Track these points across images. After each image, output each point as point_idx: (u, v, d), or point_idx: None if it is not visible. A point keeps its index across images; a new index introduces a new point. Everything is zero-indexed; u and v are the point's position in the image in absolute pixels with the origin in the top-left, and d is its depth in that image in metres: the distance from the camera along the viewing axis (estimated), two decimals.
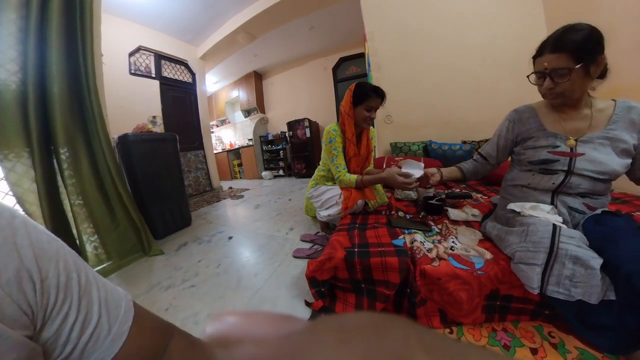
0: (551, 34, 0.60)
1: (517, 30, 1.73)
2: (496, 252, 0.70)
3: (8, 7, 1.08)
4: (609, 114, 0.62)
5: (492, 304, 0.66)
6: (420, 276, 0.66)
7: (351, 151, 1.18)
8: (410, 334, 0.07)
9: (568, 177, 0.64)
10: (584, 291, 0.50)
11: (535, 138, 0.70)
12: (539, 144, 0.69)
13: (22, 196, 1.12)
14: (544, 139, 0.68)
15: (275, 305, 0.86)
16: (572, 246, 0.53)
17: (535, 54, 0.63)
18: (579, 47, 0.55)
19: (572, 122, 0.66)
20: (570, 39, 0.55)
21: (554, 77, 0.58)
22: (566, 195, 0.67)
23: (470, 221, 0.92)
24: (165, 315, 0.86)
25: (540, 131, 0.70)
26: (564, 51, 0.56)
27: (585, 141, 0.63)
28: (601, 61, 0.56)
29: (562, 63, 0.56)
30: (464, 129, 1.89)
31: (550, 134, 0.68)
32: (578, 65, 0.55)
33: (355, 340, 0.07)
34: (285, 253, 1.26)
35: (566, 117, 0.66)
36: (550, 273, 0.53)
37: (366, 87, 1.09)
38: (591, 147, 0.62)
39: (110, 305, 0.23)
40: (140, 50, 2.76)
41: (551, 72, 0.58)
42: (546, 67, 0.58)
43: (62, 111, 1.24)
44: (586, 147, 0.63)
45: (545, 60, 0.58)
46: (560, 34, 0.57)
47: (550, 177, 0.67)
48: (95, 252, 1.31)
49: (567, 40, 0.55)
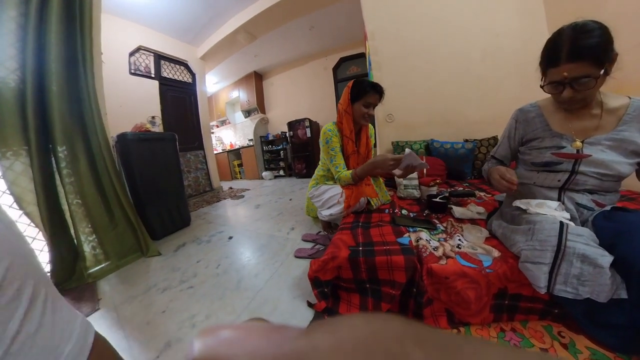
0: (558, 38, 0.55)
1: (518, 27, 1.72)
2: (504, 249, 0.68)
3: (8, 4, 1.07)
4: (620, 114, 0.60)
5: (501, 303, 0.64)
6: (427, 275, 0.64)
7: (349, 148, 1.16)
8: (404, 332, 0.07)
9: (573, 175, 0.63)
10: (592, 290, 0.49)
11: (541, 139, 0.69)
12: (543, 145, 0.67)
13: (20, 195, 1.10)
14: (549, 139, 0.67)
15: (277, 306, 0.84)
16: (580, 244, 0.51)
17: (547, 63, 0.58)
18: (599, 52, 0.51)
19: (579, 122, 0.63)
20: (588, 44, 0.51)
21: (575, 86, 0.55)
22: (574, 192, 0.65)
23: (476, 219, 0.91)
24: (162, 318, 0.85)
25: (546, 131, 0.68)
26: (584, 59, 0.52)
27: (592, 143, 0.61)
28: (615, 57, 0.53)
29: (585, 71, 0.52)
30: (465, 127, 1.88)
31: (556, 134, 0.66)
32: (602, 71, 0.52)
33: (350, 343, 0.07)
34: (287, 253, 1.24)
35: (573, 117, 0.64)
36: (558, 272, 0.52)
37: (364, 83, 1.08)
38: (598, 149, 0.61)
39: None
40: (140, 50, 2.76)
41: (572, 82, 0.55)
42: (566, 77, 0.54)
43: (61, 109, 1.23)
44: (593, 149, 0.61)
45: (564, 70, 0.54)
46: (574, 39, 0.52)
47: (555, 174, 0.66)
48: (94, 252, 1.29)
49: (585, 47, 0.51)
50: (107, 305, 0.97)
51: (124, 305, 0.95)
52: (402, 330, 0.07)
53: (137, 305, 0.94)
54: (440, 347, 0.07)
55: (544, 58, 0.60)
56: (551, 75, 0.58)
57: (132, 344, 0.75)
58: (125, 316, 0.88)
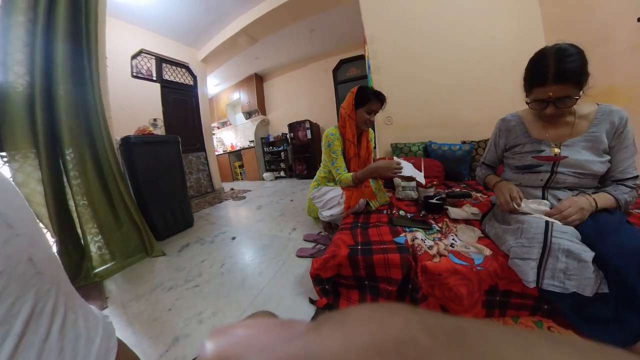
0: (543, 60, 0.61)
1: (515, 30, 1.76)
2: (495, 248, 0.71)
3: (16, 10, 1.11)
4: (590, 118, 0.67)
5: (492, 299, 0.67)
6: (422, 272, 0.68)
7: (351, 152, 1.20)
8: (411, 318, 0.07)
9: (553, 175, 0.70)
10: (578, 284, 0.52)
11: (522, 145, 0.76)
12: (525, 150, 0.75)
13: (29, 197, 1.14)
14: (529, 144, 0.74)
15: (280, 303, 0.87)
16: (565, 240, 0.55)
17: (532, 82, 0.64)
18: (579, 75, 0.59)
19: (555, 130, 0.71)
20: (570, 69, 0.58)
21: (558, 104, 0.62)
22: (555, 189, 0.72)
23: (470, 220, 0.94)
24: (169, 315, 0.88)
25: (526, 137, 0.76)
26: (568, 82, 0.59)
27: (568, 145, 0.68)
28: (588, 77, 0.61)
29: (568, 92, 0.60)
30: (463, 129, 1.91)
31: (535, 140, 0.74)
32: (582, 92, 0.60)
33: (358, 332, 0.07)
34: (289, 253, 1.28)
35: (549, 125, 0.72)
36: (545, 267, 0.56)
37: (368, 90, 1.13)
38: (574, 151, 0.67)
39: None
40: (142, 53, 2.79)
41: (556, 101, 0.62)
42: (551, 96, 0.61)
43: (68, 113, 1.26)
44: (569, 150, 0.68)
45: (550, 91, 0.61)
46: (558, 62, 0.59)
47: (538, 175, 0.73)
48: (100, 252, 1.33)
49: (567, 70, 0.58)
50: (115, 304, 1.00)
51: (132, 303, 0.98)
52: (408, 318, 0.07)
53: (144, 303, 0.97)
54: (447, 331, 0.07)
55: (530, 77, 0.65)
56: (537, 93, 0.64)
57: (140, 340, 0.78)
58: (133, 313, 0.91)
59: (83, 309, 0.23)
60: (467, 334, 0.07)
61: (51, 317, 0.19)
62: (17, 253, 0.17)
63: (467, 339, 0.06)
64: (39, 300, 0.18)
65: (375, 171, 1.07)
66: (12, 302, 0.16)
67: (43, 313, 0.18)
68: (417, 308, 0.08)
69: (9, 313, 0.16)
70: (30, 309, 0.17)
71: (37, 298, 0.18)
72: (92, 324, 0.22)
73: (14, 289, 0.16)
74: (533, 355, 0.06)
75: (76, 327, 0.21)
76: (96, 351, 0.21)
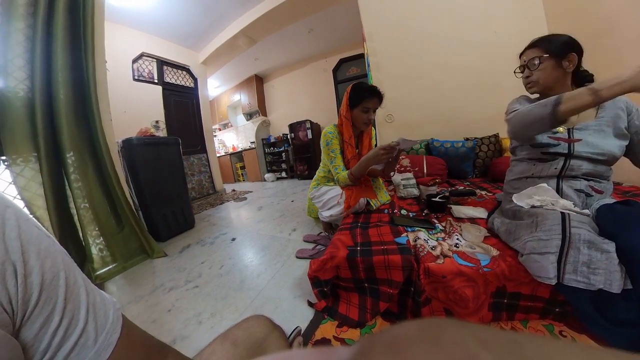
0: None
1: (517, 25, 1.71)
2: (503, 248, 0.68)
3: (16, 16, 1.12)
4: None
5: (499, 302, 0.64)
6: (425, 274, 0.65)
7: (349, 153, 1.17)
8: (466, 334, 0.07)
9: (568, 160, 0.67)
10: (604, 279, 0.46)
11: None
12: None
13: (31, 200, 1.14)
14: None
15: (279, 306, 0.86)
16: (584, 231, 0.51)
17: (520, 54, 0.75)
18: (548, 42, 0.68)
19: None
20: (544, 38, 0.69)
21: (529, 67, 0.71)
22: (571, 179, 0.68)
23: (475, 218, 0.91)
24: (168, 317, 0.87)
25: None
26: (536, 46, 0.69)
27: (580, 128, 0.67)
28: (572, 58, 0.66)
29: (534, 54, 0.69)
30: (465, 125, 1.87)
31: None
32: (546, 55, 0.67)
33: (413, 354, 0.06)
34: (288, 254, 1.26)
35: None
36: (566, 260, 0.50)
37: (362, 87, 1.08)
38: (587, 134, 0.67)
39: (98, 312, 0.21)
40: (143, 56, 2.82)
41: (528, 63, 0.71)
42: (525, 60, 0.72)
43: (68, 117, 1.27)
44: (582, 133, 0.67)
45: (524, 55, 0.73)
46: (535, 40, 0.69)
47: (551, 163, 0.69)
48: (101, 255, 1.33)
49: (541, 39, 0.69)
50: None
51: (131, 305, 0.97)
52: (462, 334, 0.07)
53: (143, 304, 0.96)
54: (503, 345, 0.06)
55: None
56: (520, 61, 0.76)
57: None
58: (131, 316, 0.90)
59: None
60: (525, 347, 0.06)
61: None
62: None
63: (526, 352, 0.06)
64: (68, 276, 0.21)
65: (367, 161, 1.03)
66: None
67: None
68: (464, 322, 0.08)
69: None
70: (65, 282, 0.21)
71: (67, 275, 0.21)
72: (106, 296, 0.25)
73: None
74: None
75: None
76: (112, 313, 0.24)
